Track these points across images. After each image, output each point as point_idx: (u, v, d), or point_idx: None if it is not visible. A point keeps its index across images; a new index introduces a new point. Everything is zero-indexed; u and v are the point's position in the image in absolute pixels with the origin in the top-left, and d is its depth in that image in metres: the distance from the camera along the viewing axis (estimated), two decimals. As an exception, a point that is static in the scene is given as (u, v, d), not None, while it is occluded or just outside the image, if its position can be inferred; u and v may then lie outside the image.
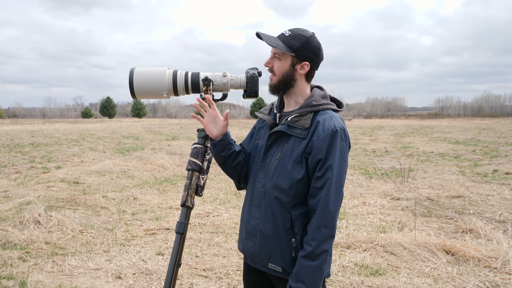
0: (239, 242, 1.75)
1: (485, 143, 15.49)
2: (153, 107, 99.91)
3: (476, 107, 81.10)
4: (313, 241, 1.46)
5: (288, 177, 1.54)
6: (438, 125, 36.36)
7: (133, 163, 9.85)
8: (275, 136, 1.62)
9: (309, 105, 1.59)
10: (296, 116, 1.58)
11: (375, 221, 5.10)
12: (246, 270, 1.80)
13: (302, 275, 1.47)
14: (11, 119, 67.59)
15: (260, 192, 1.63)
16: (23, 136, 20.56)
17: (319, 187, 1.49)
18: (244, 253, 1.71)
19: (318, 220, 1.47)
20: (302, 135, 1.54)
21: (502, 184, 7.34)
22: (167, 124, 39.30)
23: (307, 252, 1.47)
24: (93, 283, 3.37)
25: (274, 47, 1.57)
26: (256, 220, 1.64)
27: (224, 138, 1.72)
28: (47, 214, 5.00)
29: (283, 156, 1.57)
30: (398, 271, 3.55)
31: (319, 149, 1.49)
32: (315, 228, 1.47)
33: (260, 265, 1.65)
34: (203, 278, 3.47)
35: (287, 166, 1.55)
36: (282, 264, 1.57)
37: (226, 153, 1.72)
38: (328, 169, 1.48)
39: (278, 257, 1.58)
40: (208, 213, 5.40)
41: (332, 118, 1.54)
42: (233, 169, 1.77)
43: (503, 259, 3.68)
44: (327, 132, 1.49)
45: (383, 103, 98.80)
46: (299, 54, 1.57)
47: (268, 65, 1.64)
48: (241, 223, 1.76)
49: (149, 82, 2.05)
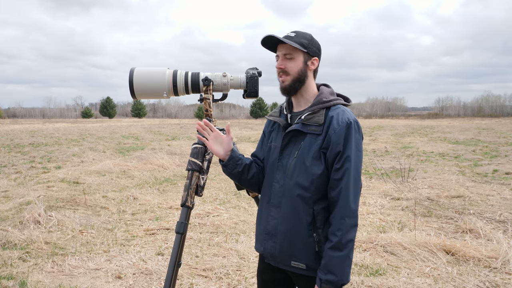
0: (257, 243, 1.75)
1: (485, 143, 15.48)
2: (153, 107, 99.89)
3: (476, 107, 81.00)
4: (339, 231, 1.50)
5: (309, 174, 1.58)
6: (438, 125, 36.35)
7: (133, 163, 9.85)
8: (290, 136, 1.65)
9: (320, 102, 1.64)
10: (309, 114, 1.62)
11: (375, 221, 5.11)
12: (262, 269, 1.81)
13: (331, 266, 1.50)
14: (11, 119, 67.58)
15: (279, 192, 1.65)
16: (23, 136, 20.56)
17: (338, 179, 1.53)
18: (264, 254, 1.71)
19: (341, 210, 1.52)
20: (317, 131, 1.59)
21: (502, 184, 7.34)
22: (167, 124, 39.29)
23: (333, 243, 1.50)
24: (93, 283, 3.37)
25: (292, 44, 1.60)
26: (275, 220, 1.65)
27: (233, 155, 1.74)
28: (47, 214, 5.00)
29: (301, 153, 1.60)
30: (398, 271, 3.55)
31: (337, 142, 1.54)
32: (339, 218, 1.51)
33: (282, 264, 1.66)
34: (203, 278, 3.47)
35: (306, 163, 1.59)
36: (306, 261, 1.59)
37: (239, 169, 1.74)
38: (346, 160, 1.54)
39: (301, 254, 1.59)
40: (208, 213, 5.40)
41: (344, 112, 1.61)
42: (250, 182, 1.78)
43: (503, 259, 3.68)
44: (342, 125, 1.55)
45: (383, 103, 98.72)
46: (309, 50, 1.63)
47: (281, 67, 1.65)
48: (258, 224, 1.76)
49: (149, 82, 2.05)
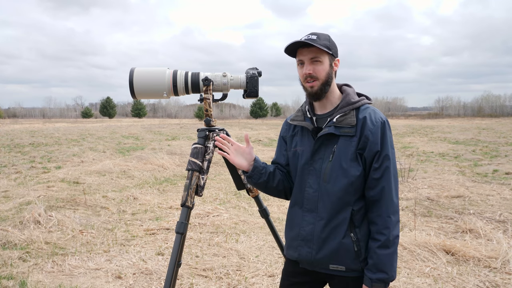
0: (291, 249, 1.70)
1: (485, 143, 15.48)
2: (153, 107, 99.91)
3: (476, 107, 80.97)
4: (386, 229, 1.51)
5: (347, 176, 1.56)
6: (438, 125, 36.35)
7: (133, 163, 9.85)
8: (322, 139, 1.62)
9: (349, 103, 1.63)
10: (341, 116, 1.60)
11: (375, 221, 5.10)
12: (292, 273, 1.75)
13: (381, 264, 1.50)
14: (11, 119, 67.56)
15: (313, 197, 1.62)
16: (23, 136, 20.55)
17: (378, 178, 1.54)
18: (300, 260, 1.68)
19: (385, 208, 1.53)
20: (351, 133, 1.57)
21: (502, 184, 7.34)
22: (167, 124, 39.27)
23: (382, 242, 1.51)
24: (93, 283, 3.37)
25: (320, 47, 1.56)
26: (311, 226, 1.62)
27: (256, 165, 1.72)
28: (47, 214, 5.00)
29: (337, 156, 1.58)
30: (398, 271, 3.55)
31: (375, 142, 1.54)
32: (385, 216, 1.52)
33: (319, 267, 1.64)
34: (203, 278, 3.47)
35: (344, 165, 1.57)
36: (345, 263, 1.58)
37: (264, 178, 1.71)
38: (385, 158, 1.55)
39: (340, 256, 1.58)
40: (208, 213, 5.40)
41: (375, 112, 1.61)
42: (277, 189, 1.76)
43: (503, 259, 3.68)
44: (377, 125, 1.56)
45: (383, 103, 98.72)
46: (333, 51, 1.63)
47: (310, 72, 1.60)
48: (290, 230, 1.71)
49: (149, 82, 2.06)
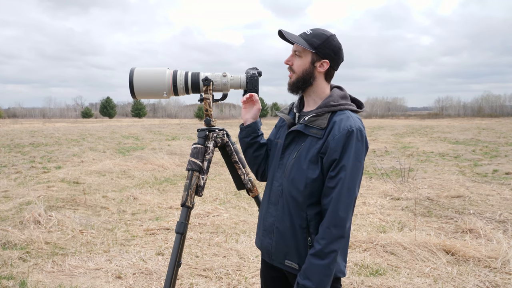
0: (257, 238, 1.79)
1: (485, 143, 15.48)
2: (153, 107, 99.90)
3: (476, 107, 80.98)
4: (323, 240, 1.48)
5: (304, 177, 1.56)
6: (438, 125, 36.33)
7: (133, 163, 9.85)
8: (293, 136, 1.64)
9: (327, 105, 1.60)
10: (313, 116, 1.59)
11: (375, 221, 5.11)
12: (263, 267, 1.84)
13: (310, 273, 1.49)
14: (11, 119, 67.55)
15: (277, 190, 1.66)
16: (23, 136, 20.55)
17: (332, 187, 1.50)
18: (261, 249, 1.75)
19: (329, 219, 1.49)
20: (318, 135, 1.55)
21: (502, 184, 7.34)
22: (167, 124, 39.27)
23: (316, 251, 1.49)
24: (93, 283, 3.37)
25: (296, 43, 1.59)
26: (273, 218, 1.66)
27: (252, 125, 1.82)
28: (47, 214, 5.00)
29: (299, 155, 1.59)
30: (398, 271, 3.55)
31: (334, 149, 1.50)
32: (325, 227, 1.49)
33: (276, 261, 1.67)
34: (203, 278, 3.47)
35: (303, 165, 1.57)
36: (298, 261, 1.60)
37: (249, 140, 1.81)
38: (341, 169, 1.49)
39: (294, 254, 1.60)
40: (208, 213, 5.40)
41: (349, 119, 1.54)
42: (253, 158, 1.84)
43: (503, 259, 3.68)
44: (343, 132, 1.50)
45: (383, 103, 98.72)
46: (319, 51, 1.58)
47: (288, 63, 1.65)
48: (259, 220, 1.79)
49: (149, 82, 2.05)
